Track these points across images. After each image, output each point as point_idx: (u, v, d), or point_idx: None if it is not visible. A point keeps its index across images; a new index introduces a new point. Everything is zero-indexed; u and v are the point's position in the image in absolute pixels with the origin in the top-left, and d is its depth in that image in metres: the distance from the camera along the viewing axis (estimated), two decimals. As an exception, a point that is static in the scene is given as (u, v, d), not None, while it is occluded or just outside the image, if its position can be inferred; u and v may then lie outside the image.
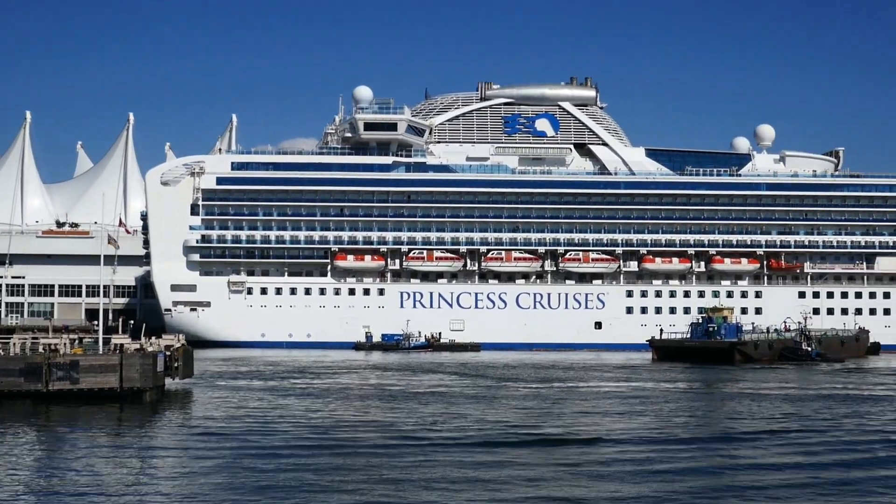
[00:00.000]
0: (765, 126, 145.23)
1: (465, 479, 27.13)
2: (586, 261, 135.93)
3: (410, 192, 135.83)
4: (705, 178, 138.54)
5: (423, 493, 25.41)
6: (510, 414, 45.40)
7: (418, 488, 26.13)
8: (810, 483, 27.86)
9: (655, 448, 34.07)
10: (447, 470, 28.84)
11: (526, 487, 26.32)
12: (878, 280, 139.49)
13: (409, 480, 27.07)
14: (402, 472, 28.62)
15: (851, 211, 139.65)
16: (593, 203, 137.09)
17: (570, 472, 28.85)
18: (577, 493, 25.80)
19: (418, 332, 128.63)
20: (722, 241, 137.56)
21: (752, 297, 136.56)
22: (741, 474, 28.84)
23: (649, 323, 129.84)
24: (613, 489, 26.11)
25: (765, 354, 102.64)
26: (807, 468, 30.19)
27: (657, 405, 51.14)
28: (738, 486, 26.81)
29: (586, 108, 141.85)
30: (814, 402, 53.55)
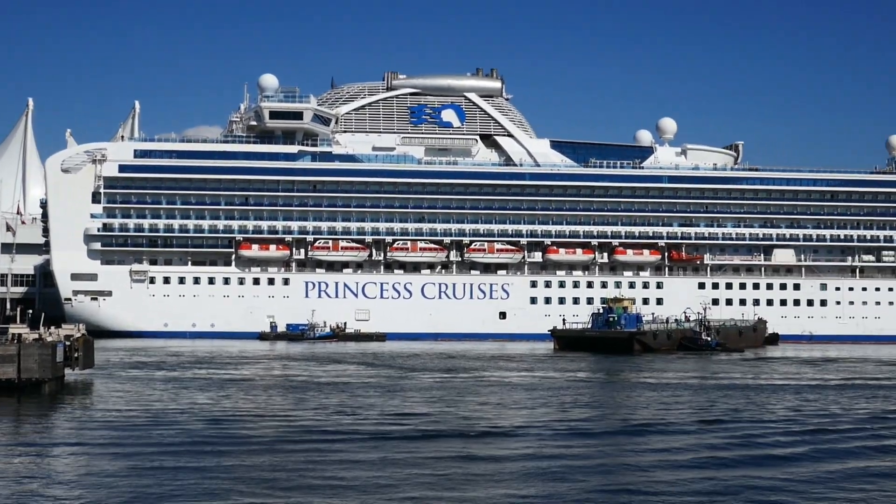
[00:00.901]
0: (667, 119, 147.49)
1: (359, 473, 27.07)
2: (491, 251, 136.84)
3: (316, 182, 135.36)
4: (609, 170, 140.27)
5: (318, 486, 25.32)
6: (414, 405, 45.59)
7: (315, 481, 26.03)
8: (710, 475, 28.19)
9: (556, 440, 34.34)
10: (344, 463, 28.76)
11: (426, 480, 26.38)
12: (776, 271, 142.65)
13: (305, 474, 26.92)
14: (300, 465, 28.46)
15: (750, 204, 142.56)
16: (498, 194, 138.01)
17: (470, 465, 28.96)
18: (477, 489, 25.90)
19: (323, 322, 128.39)
20: (624, 232, 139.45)
21: (654, 288, 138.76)
22: (643, 466, 29.00)
23: (553, 313, 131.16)
24: (511, 484, 26.27)
25: (663, 344, 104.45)
26: (708, 459, 30.58)
27: (559, 396, 51.77)
28: (640, 478, 26.97)
29: (492, 99, 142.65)
30: (713, 391, 54.64)
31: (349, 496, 23.98)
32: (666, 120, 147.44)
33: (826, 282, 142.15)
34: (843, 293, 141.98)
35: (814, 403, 48.26)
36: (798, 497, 24.82)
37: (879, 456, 31.41)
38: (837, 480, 27.05)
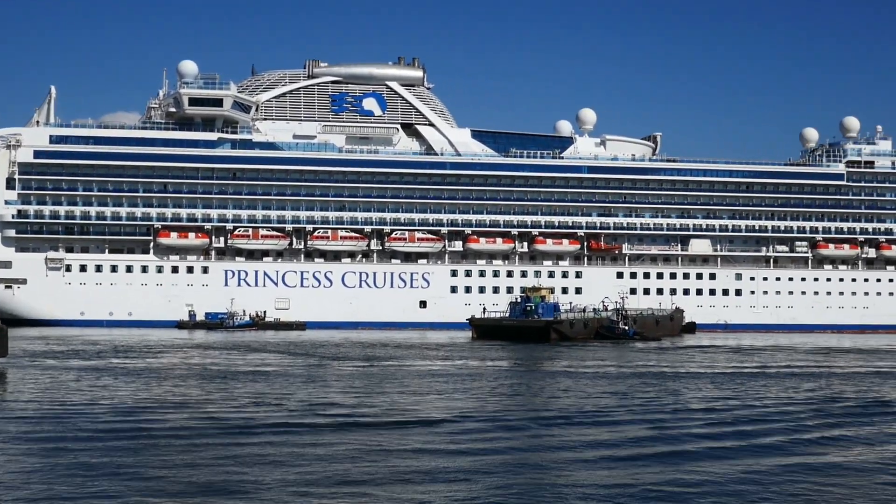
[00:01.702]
0: (587, 110, 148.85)
1: (273, 466, 26.92)
2: (412, 240, 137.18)
3: (236, 170, 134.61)
4: (529, 160, 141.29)
5: (231, 480, 25.16)
6: (333, 395, 45.63)
7: (228, 475, 25.85)
8: (629, 465, 28.42)
9: (475, 431, 34.50)
10: (259, 456, 28.47)
11: (343, 473, 26.36)
12: (692, 261, 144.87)
13: (220, 467, 26.70)
14: (215, 458, 28.14)
15: (667, 194, 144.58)
16: (419, 183, 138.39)
17: (390, 457, 29.00)
18: (396, 481, 26.00)
19: (243, 310, 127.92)
20: (544, 222, 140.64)
21: (573, 278, 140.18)
22: (562, 457, 28.94)
23: (473, 302, 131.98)
24: (431, 476, 26.34)
25: (580, 333, 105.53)
26: (628, 448, 30.75)
27: (478, 385, 52.13)
28: (559, 470, 27.06)
29: (413, 88, 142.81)
30: (630, 380, 55.38)
31: (262, 489, 23.82)
32: (586, 111, 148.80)
33: (741, 272, 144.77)
34: (758, 283, 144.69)
35: (729, 391, 49.14)
36: (715, 487, 25.29)
37: (796, 446, 32.09)
38: (758, 472, 27.58)
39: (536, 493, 23.65)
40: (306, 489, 23.64)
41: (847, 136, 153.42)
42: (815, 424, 36.70)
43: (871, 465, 28.54)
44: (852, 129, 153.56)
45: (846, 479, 26.26)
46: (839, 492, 24.60)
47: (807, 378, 58.63)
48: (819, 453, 30.27)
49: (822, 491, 24.67)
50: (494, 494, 23.49)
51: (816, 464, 28.33)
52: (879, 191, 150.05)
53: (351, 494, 23.24)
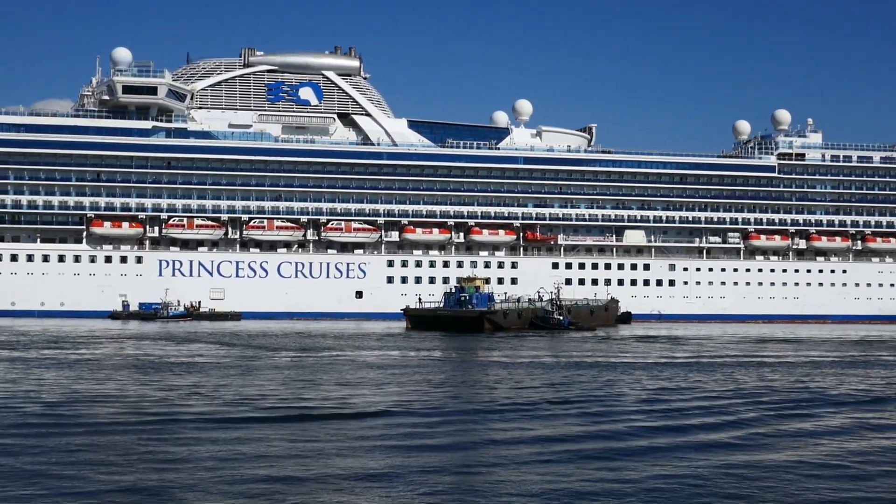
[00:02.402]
0: (523, 101, 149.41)
1: (207, 459, 26.73)
2: (348, 230, 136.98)
3: (170, 159, 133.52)
4: (465, 150, 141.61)
5: (157, 478, 24.92)
6: (268, 386, 45.53)
7: (159, 467, 25.72)
8: (564, 456, 28.54)
9: (409, 422, 34.55)
10: (191, 448, 28.27)
11: (277, 465, 26.31)
12: (627, 252, 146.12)
13: (146, 463, 26.39)
14: (146, 452, 27.87)
15: (602, 185, 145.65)
16: (356, 173, 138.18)
17: (325, 450, 28.94)
18: (330, 476, 25.96)
19: (177, 300, 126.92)
20: (480, 212, 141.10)
21: (509, 268, 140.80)
22: (497, 449, 28.98)
23: (409, 292, 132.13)
24: (363, 466, 26.34)
25: (514, 323, 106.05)
26: (562, 439, 30.70)
27: (412, 375, 52.29)
28: (494, 462, 27.01)
29: (350, 78, 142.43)
30: (564, 370, 55.80)
31: (188, 488, 23.58)
32: (522, 102, 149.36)
33: (675, 262, 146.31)
34: (691, 273, 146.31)
35: (663, 382, 49.71)
36: (650, 480, 25.58)
37: (731, 437, 32.53)
38: (693, 465, 27.87)
39: (472, 487, 23.63)
40: (236, 487, 23.21)
41: (779, 128, 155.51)
42: (749, 416, 37.25)
43: (803, 457, 29.06)
44: (784, 121, 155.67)
45: (777, 472, 26.71)
46: (771, 484, 25.04)
47: (739, 368, 59.50)
48: (752, 445, 30.69)
49: (757, 483, 25.09)
50: (430, 489, 23.40)
51: (751, 456, 28.77)
52: (810, 183, 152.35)
53: (282, 491, 22.98)
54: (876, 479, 25.58)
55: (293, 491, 22.88)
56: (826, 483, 24.94)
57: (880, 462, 27.93)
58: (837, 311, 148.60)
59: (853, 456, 28.87)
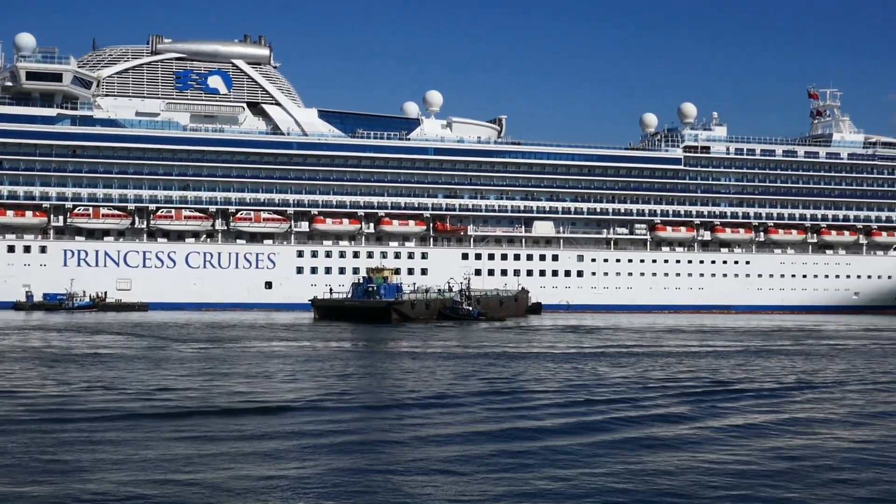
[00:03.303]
0: (433, 92, 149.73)
1: (111, 456, 26.16)
2: (257, 220, 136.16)
3: (76, 147, 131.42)
4: (376, 141, 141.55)
5: (64, 471, 24.56)
6: (176, 379, 45.19)
7: (60, 465, 25.27)
8: (478, 448, 28.69)
9: (320, 415, 34.44)
10: (96, 444, 27.61)
11: (185, 463, 25.99)
12: (536, 243, 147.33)
13: (52, 458, 26.03)
14: (46, 447, 27.28)
15: (512, 176, 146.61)
16: (265, 163, 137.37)
17: (238, 445, 28.72)
18: (241, 474, 25.80)
19: (83, 291, 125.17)
20: (391, 203, 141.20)
21: (419, 258, 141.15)
22: (410, 443, 28.78)
23: (319, 283, 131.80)
24: (276, 465, 26.16)
25: (422, 314, 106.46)
26: (476, 431, 30.81)
27: (321, 367, 52.28)
28: (407, 457, 26.94)
29: (260, 67, 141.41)
30: (475, 360, 56.18)
31: (98, 481, 23.34)
32: (432, 93, 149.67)
33: (583, 253, 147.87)
34: (599, 264, 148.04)
35: (572, 372, 50.33)
36: (560, 472, 25.86)
37: (640, 427, 33.05)
38: (600, 454, 28.24)
39: (383, 484, 23.49)
40: (133, 488, 22.54)
41: (685, 121, 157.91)
42: (656, 406, 37.93)
43: (709, 444, 29.70)
44: (689, 115, 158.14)
45: (685, 459, 27.25)
46: (680, 472, 25.54)
47: (645, 358, 60.49)
48: (660, 435, 31.27)
49: (663, 470, 25.57)
50: (338, 485, 23.23)
51: (658, 445, 29.36)
52: (714, 175, 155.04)
53: (181, 493, 22.43)
54: (774, 470, 26.26)
55: (192, 492, 22.32)
56: (725, 478, 25.51)
57: (777, 453, 28.67)
58: (741, 302, 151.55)
59: (753, 445, 29.61)
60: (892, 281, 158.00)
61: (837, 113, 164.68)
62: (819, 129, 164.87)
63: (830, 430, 32.58)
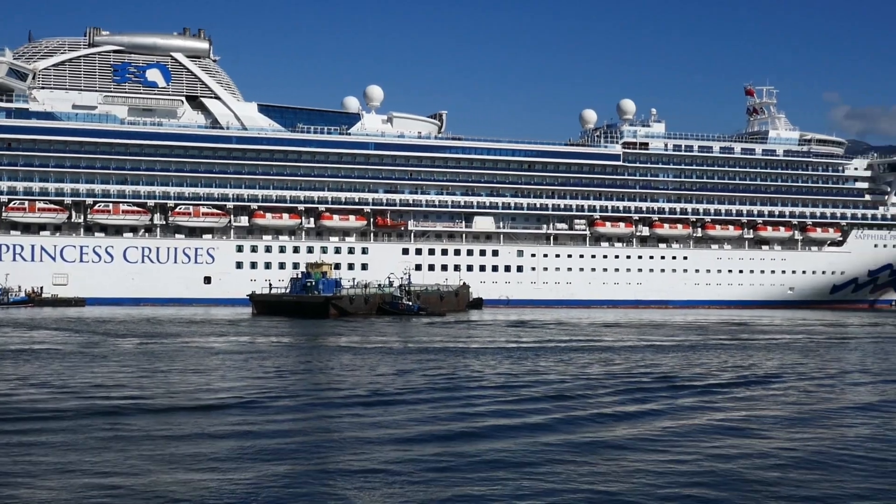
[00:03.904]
0: (374, 87, 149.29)
1: (45, 457, 25.82)
2: (197, 215, 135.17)
3: (11, 140, 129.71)
4: (316, 135, 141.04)
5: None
6: (112, 375, 44.88)
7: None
8: (420, 445, 28.72)
9: (258, 413, 34.35)
10: (27, 446, 26.93)
11: (121, 462, 25.83)
12: (476, 238, 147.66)
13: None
14: None
15: (452, 172, 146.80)
16: (204, 157, 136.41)
17: (175, 444, 28.56)
18: (178, 472, 25.71)
19: (18, 286, 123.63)
20: (331, 198, 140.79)
21: (359, 254, 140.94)
22: (354, 441, 28.78)
23: (259, 278, 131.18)
24: (214, 465, 25.99)
25: (360, 309, 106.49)
26: (411, 433, 30.91)
27: (259, 363, 52.19)
28: (350, 456, 26.92)
29: (199, 60, 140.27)
30: (413, 355, 56.32)
31: (32, 483, 23.06)
32: (373, 87, 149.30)
33: (523, 248, 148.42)
34: (539, 259, 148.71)
35: (512, 367, 50.65)
36: (500, 468, 26.02)
37: (580, 422, 33.31)
38: (542, 451, 28.42)
39: (321, 484, 23.39)
40: (67, 494, 22.04)
41: (623, 118, 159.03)
42: (595, 400, 38.34)
43: (650, 443, 30.08)
44: (628, 111, 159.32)
45: (625, 458, 27.58)
46: (621, 469, 25.86)
47: (588, 352, 61.04)
48: (600, 431, 31.65)
49: (601, 472, 25.87)
50: (276, 486, 23.08)
51: (599, 439, 29.69)
52: (653, 171, 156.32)
53: (119, 494, 22.18)
54: (709, 465, 26.68)
55: (128, 496, 21.95)
56: (666, 478, 25.87)
57: (715, 446, 29.14)
58: (679, 297, 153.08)
59: (689, 439, 30.06)
60: (826, 276, 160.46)
61: (773, 110, 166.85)
62: (756, 127, 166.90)
63: (766, 428, 33.12)
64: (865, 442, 30.01)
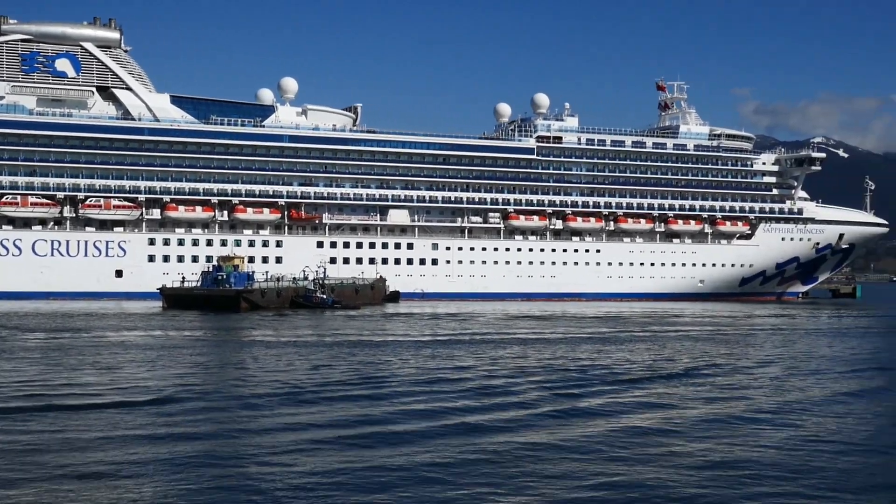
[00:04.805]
0: (288, 79, 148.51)
1: None
2: (107, 207, 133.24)
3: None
4: (230, 127, 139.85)
5: None
6: (16, 372, 44.27)
7: None
8: (328, 445, 28.63)
9: (167, 412, 34.13)
10: None
11: (19, 464, 25.43)
12: (391, 231, 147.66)
13: None
14: None
15: (367, 165, 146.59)
16: (116, 149, 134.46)
17: (71, 446, 28.10)
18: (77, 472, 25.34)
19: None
20: (245, 190, 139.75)
21: (274, 247, 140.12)
22: (261, 438, 28.77)
23: (172, 271, 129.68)
24: (109, 464, 25.71)
25: (272, 302, 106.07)
26: (328, 425, 30.88)
27: (170, 358, 51.83)
28: (258, 454, 26.69)
29: (110, 50, 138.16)
30: (327, 349, 56.27)
31: None
32: (287, 80, 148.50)
33: (437, 241, 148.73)
34: (453, 252, 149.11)
35: (425, 360, 50.87)
36: (420, 468, 26.12)
37: (492, 412, 33.58)
38: (462, 448, 28.58)
39: (235, 482, 23.21)
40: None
41: (538, 112, 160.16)
42: (514, 394, 38.67)
43: (566, 437, 30.46)
44: (542, 105, 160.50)
45: (539, 453, 27.91)
46: (541, 467, 26.16)
47: (503, 345, 61.49)
48: (516, 426, 31.98)
49: (516, 465, 26.14)
50: (189, 484, 22.86)
51: (521, 437, 29.98)
52: (566, 165, 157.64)
53: (19, 496, 21.66)
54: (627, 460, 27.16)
55: (29, 499, 21.48)
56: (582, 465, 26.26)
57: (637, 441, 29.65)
58: (592, 290, 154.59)
59: (608, 434, 30.56)
60: (735, 269, 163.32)
61: (684, 105, 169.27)
62: (667, 121, 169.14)
63: (679, 423, 33.76)
64: (774, 437, 30.63)
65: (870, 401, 38.69)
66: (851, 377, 46.63)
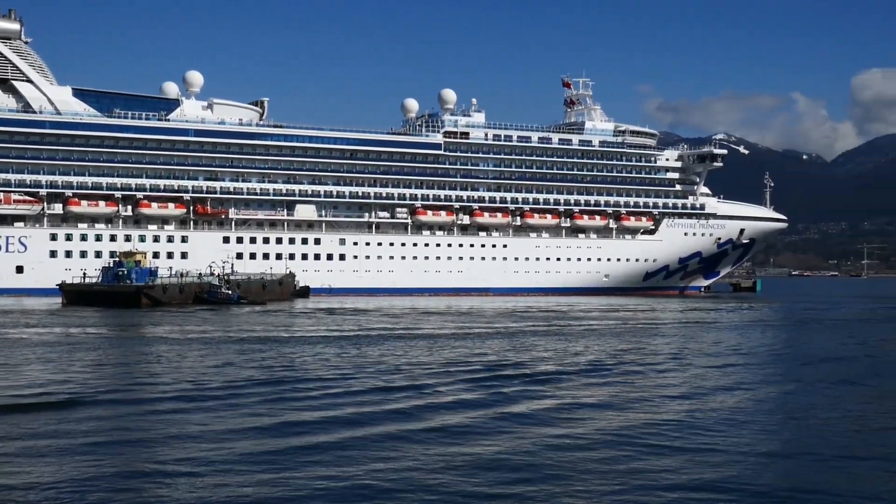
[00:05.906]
0: (193, 73, 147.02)
1: None
2: (7, 202, 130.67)
3: None
4: (134, 121, 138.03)
5: None
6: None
7: None
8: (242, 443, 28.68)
9: (68, 411, 33.74)
10: None
11: None
12: (298, 226, 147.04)
13: None
14: None
15: (274, 159, 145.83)
16: (16, 142, 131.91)
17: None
18: None
19: None
20: (149, 185, 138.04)
21: (179, 242, 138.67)
22: (166, 440, 28.33)
23: (74, 267, 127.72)
24: (19, 472, 25.42)
25: (175, 298, 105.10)
26: (232, 429, 30.64)
27: (69, 355, 51.21)
28: (165, 459, 26.28)
29: (10, 41, 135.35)
30: (233, 346, 56.03)
31: None
32: (192, 73, 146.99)
33: (345, 237, 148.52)
34: (361, 248, 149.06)
35: (332, 357, 50.90)
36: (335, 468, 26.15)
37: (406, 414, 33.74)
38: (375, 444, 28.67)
39: (139, 485, 22.97)
40: None
41: (445, 107, 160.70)
42: (423, 388, 38.94)
43: (471, 435, 30.78)
44: (450, 101, 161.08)
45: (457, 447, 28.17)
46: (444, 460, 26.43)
47: (410, 340, 61.74)
48: (418, 422, 32.22)
49: (435, 457, 26.39)
50: (94, 489, 22.42)
51: (413, 429, 30.23)
52: (473, 161, 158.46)
53: None
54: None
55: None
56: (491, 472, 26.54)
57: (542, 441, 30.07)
58: (499, 284, 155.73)
59: (521, 432, 30.94)
60: (639, 263, 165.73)
61: (590, 102, 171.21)
62: (573, 118, 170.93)
63: (578, 414, 34.32)
64: (675, 429, 31.26)
65: (765, 389, 39.69)
66: (748, 368, 47.75)
